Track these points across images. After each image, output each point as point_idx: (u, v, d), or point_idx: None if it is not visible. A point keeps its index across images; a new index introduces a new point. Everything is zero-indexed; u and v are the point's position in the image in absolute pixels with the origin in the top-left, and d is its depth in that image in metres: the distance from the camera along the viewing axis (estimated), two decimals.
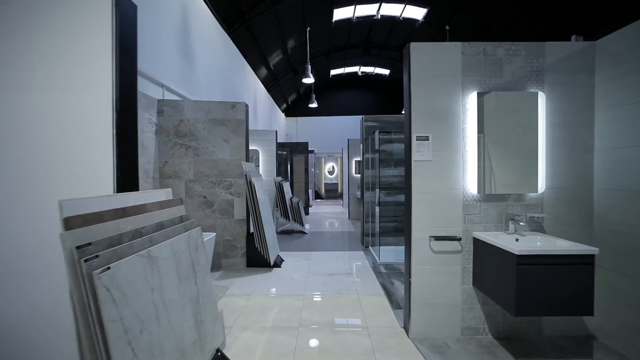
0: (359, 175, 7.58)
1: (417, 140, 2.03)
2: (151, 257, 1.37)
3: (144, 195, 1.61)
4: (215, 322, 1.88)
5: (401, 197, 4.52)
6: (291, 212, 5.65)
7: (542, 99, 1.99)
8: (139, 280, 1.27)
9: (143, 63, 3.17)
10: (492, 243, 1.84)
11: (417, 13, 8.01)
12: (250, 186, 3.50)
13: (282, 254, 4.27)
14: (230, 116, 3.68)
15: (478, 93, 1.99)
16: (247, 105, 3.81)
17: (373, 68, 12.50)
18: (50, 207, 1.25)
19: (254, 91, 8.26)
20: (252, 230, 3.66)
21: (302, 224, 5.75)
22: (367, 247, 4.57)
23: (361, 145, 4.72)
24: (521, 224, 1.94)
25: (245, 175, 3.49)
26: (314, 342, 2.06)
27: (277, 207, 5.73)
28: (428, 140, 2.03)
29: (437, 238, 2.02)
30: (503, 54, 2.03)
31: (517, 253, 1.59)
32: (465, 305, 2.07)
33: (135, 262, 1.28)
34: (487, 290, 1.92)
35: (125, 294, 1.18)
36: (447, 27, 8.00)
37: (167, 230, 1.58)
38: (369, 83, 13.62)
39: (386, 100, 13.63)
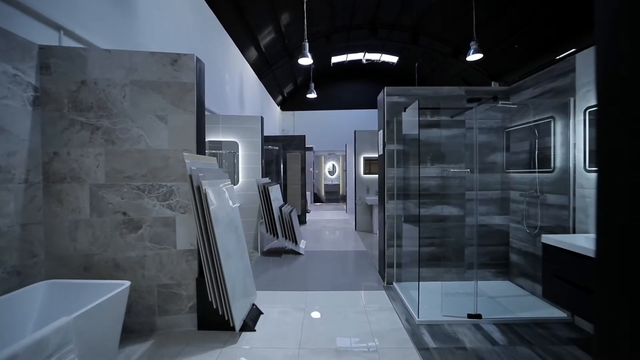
0: (369, 175, 6.10)
1: None
2: None
3: None
4: None
5: (441, 209, 3.04)
6: (281, 226, 4.16)
7: None
8: None
9: None
10: None
11: None
12: (199, 197, 2.01)
13: (263, 297, 2.79)
14: (170, 77, 2.19)
15: None
16: (200, 62, 2.32)
17: (379, 55, 11.03)
18: None
19: (239, 74, 6.79)
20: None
21: (295, 242, 4.26)
22: (390, 283, 3.08)
23: (380, 132, 3.23)
24: None
25: (190, 177, 2.00)
26: None
27: (261, 219, 4.24)
28: None
29: None
30: None
31: None
32: None
33: None
34: None
35: None
36: None
37: None
38: (375, 73, 12.16)
39: None
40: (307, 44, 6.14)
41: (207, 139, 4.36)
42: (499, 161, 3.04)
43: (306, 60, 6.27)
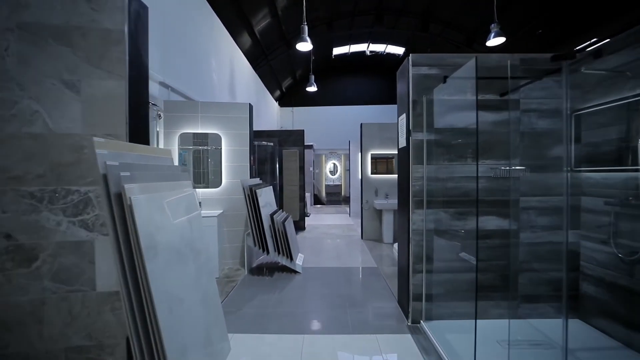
0: (377, 175, 5.29)
1: None
2: None
3: None
4: None
5: (485, 222, 2.24)
6: (273, 239, 3.36)
7: None
8: None
9: None
10: None
11: None
12: (120, 211, 1.21)
13: (242, 345, 1.98)
14: (84, 21, 1.38)
15: None
16: (137, 2, 1.52)
17: (384, 46, 10.27)
18: None
19: (230, 61, 6.01)
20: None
21: (290, 257, 3.45)
22: (416, 321, 2.27)
23: (402, 118, 2.43)
24: None
25: (105, 178, 1.19)
26: None
27: (249, 230, 3.43)
28: None
29: None
30: None
31: None
32: None
33: None
34: None
35: None
36: None
37: None
38: (379, 67, 11.42)
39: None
40: (305, 27, 5.38)
41: (184, 131, 3.57)
42: (564, 156, 2.23)
43: (305, 46, 5.51)
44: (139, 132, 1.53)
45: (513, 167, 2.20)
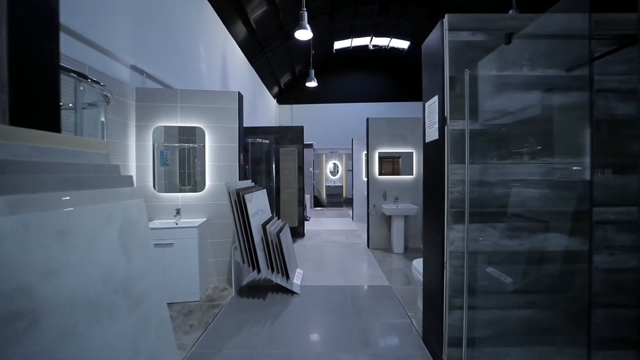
0: (385, 177, 4.72)
1: None
2: None
3: None
4: None
5: (544, 241, 1.67)
6: (265, 255, 2.78)
7: None
8: None
9: None
10: None
11: None
12: None
13: None
14: None
15: None
16: None
17: (388, 39, 9.73)
18: None
19: (221, 51, 5.44)
20: None
21: (287, 276, 2.88)
22: None
23: (433, 101, 1.85)
24: None
25: None
26: None
27: (237, 243, 2.86)
28: None
29: None
30: None
31: None
32: None
33: None
34: None
35: None
36: None
37: None
38: (382, 62, 10.89)
39: (402, 85, 10.89)
40: (305, 13, 4.84)
41: (160, 124, 3.00)
42: None
43: (305, 34, 4.97)
44: (38, 111, 0.96)
45: (584, 168, 1.64)
